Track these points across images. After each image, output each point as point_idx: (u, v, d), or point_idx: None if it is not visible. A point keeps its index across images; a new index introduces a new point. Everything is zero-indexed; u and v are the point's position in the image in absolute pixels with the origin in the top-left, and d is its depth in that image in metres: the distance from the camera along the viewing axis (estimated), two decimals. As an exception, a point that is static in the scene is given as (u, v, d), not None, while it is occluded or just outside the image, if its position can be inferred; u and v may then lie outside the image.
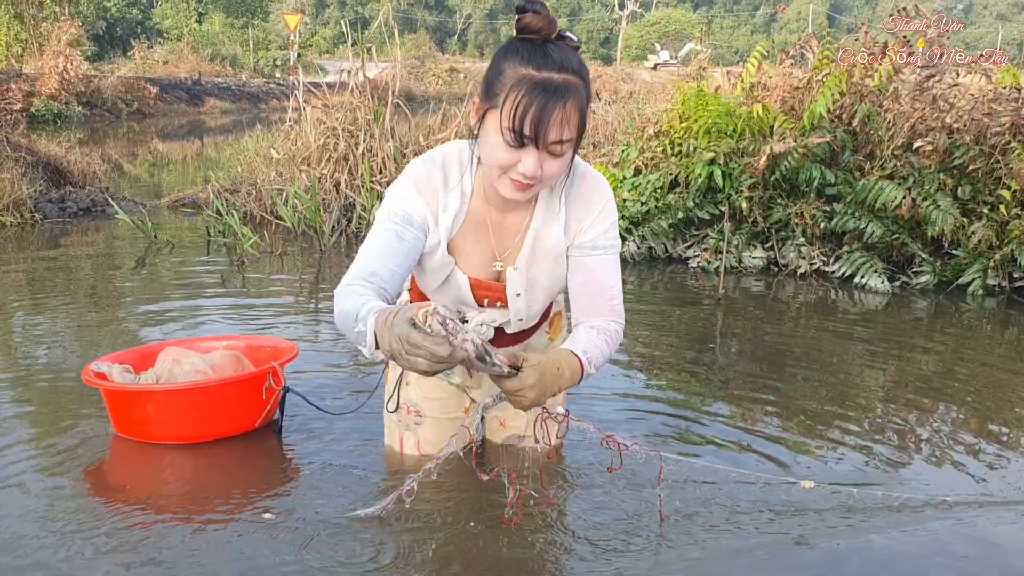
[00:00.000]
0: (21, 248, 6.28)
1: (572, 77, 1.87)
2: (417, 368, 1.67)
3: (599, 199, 2.17)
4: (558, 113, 1.84)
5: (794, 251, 5.75)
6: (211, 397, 2.81)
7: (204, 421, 2.81)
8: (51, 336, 4.15)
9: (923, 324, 4.89)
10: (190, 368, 2.93)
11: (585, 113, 1.93)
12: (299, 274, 5.70)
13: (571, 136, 1.90)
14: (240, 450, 2.83)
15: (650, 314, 4.92)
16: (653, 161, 6.24)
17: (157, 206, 8.10)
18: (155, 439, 2.81)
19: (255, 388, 2.87)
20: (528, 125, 1.84)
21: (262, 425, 2.95)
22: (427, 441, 2.52)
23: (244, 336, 3.54)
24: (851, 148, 5.80)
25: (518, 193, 1.97)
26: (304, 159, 7.22)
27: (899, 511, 2.47)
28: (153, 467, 2.70)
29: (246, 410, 2.88)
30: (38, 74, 21.37)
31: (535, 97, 1.83)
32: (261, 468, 2.73)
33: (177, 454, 2.77)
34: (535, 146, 1.88)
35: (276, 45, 46.19)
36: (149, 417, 2.79)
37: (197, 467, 2.72)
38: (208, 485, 2.57)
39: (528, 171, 1.90)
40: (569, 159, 1.97)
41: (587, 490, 2.53)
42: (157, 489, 2.56)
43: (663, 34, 68.54)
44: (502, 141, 1.89)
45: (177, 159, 14.43)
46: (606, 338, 2.12)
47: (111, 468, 2.71)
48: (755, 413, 3.33)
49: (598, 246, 2.16)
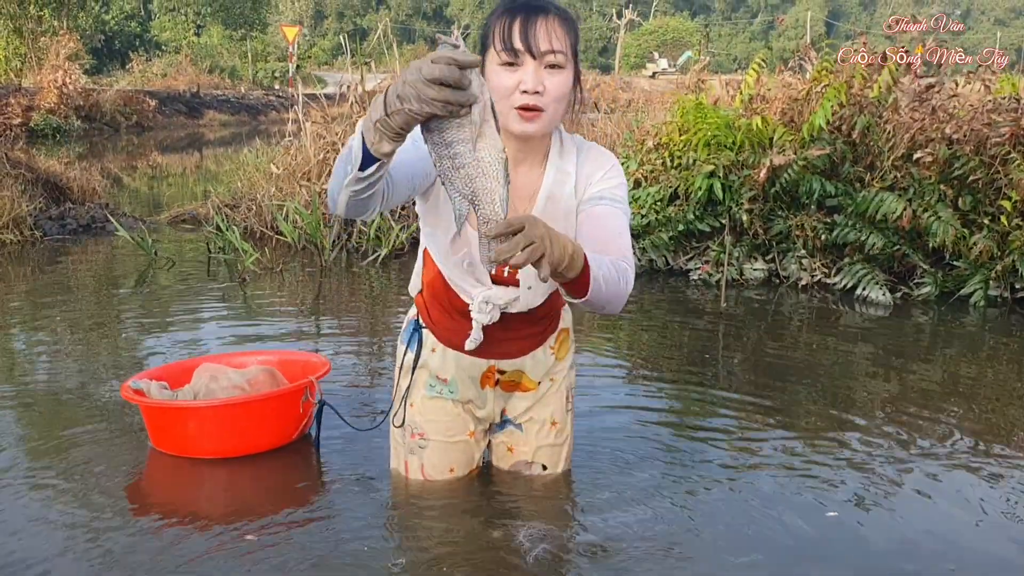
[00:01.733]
0: (22, 266, 6.28)
1: (551, 5, 2.05)
2: (426, 96, 1.51)
3: (607, 160, 2.24)
4: (542, 23, 2.00)
5: (795, 263, 5.74)
6: (251, 412, 2.89)
7: (244, 436, 2.89)
8: (52, 354, 4.14)
9: (925, 336, 4.89)
10: (228, 384, 3.01)
11: (575, 39, 2.07)
12: (301, 290, 5.69)
13: (562, 49, 2.02)
14: (276, 465, 2.88)
15: (652, 327, 4.92)
16: (653, 174, 6.24)
17: (157, 222, 8.10)
18: (195, 454, 2.87)
19: (293, 402, 2.94)
20: (516, 36, 1.99)
21: (298, 438, 3.02)
22: (431, 465, 2.50)
23: (277, 351, 3.63)
24: (851, 159, 5.79)
25: (527, 124, 2.04)
26: (304, 174, 7.22)
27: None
28: (190, 482, 2.79)
29: (284, 424, 2.96)
30: (37, 88, 21.38)
31: (517, 13, 2.01)
32: (294, 483, 2.79)
33: (214, 469, 2.84)
34: (530, 56, 2.00)
35: (275, 57, 46.24)
36: (190, 433, 2.86)
37: (233, 482, 2.79)
38: (245, 500, 2.66)
39: (528, 83, 2.00)
40: (570, 78, 2.07)
41: (599, 517, 2.51)
42: (196, 505, 2.63)
43: (661, 42, 68.61)
44: (500, 67, 2.02)
45: (176, 172, 14.44)
46: (613, 266, 1.92)
47: (150, 484, 2.80)
48: (758, 426, 3.33)
49: (605, 196, 2.16)
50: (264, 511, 2.54)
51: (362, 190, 1.76)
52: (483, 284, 2.25)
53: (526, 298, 2.27)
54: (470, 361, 2.39)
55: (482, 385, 2.44)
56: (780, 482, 2.80)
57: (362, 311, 5.29)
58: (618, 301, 1.94)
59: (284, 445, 2.98)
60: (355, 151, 1.70)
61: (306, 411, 2.99)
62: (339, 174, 1.78)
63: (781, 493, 2.71)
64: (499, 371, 2.42)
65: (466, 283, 2.26)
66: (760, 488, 2.75)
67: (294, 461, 2.93)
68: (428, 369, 2.44)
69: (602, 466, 2.86)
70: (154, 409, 2.89)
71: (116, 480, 2.74)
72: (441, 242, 2.23)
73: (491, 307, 2.25)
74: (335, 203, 1.82)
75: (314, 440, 3.01)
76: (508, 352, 2.39)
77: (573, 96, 2.14)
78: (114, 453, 2.94)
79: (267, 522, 2.46)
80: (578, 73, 2.13)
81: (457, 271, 2.25)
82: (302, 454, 2.97)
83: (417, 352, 2.45)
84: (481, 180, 1.57)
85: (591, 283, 1.81)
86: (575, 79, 2.11)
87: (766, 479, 2.82)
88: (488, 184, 1.58)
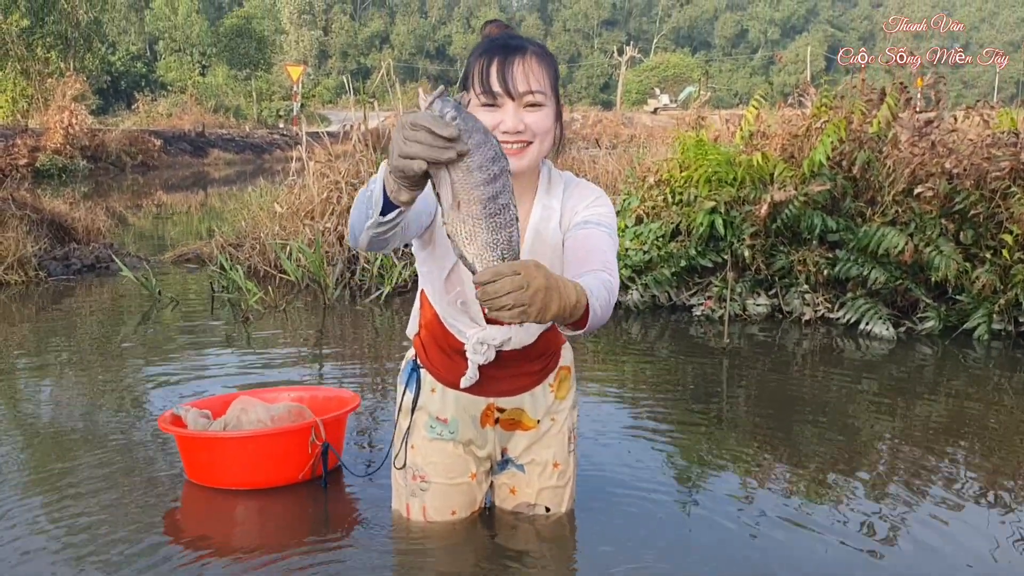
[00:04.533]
0: (26, 307, 6.29)
1: (528, 44, 2.08)
2: (411, 152, 1.53)
3: (592, 192, 2.25)
4: (519, 63, 2.03)
5: (798, 298, 5.74)
6: (256, 447, 2.95)
7: (247, 470, 2.95)
8: (57, 393, 4.14)
9: (929, 370, 4.87)
10: (255, 418, 3.06)
11: (553, 76, 2.11)
12: (304, 328, 5.70)
13: (540, 88, 2.06)
14: (276, 505, 2.88)
15: (655, 363, 4.91)
16: (654, 210, 6.26)
17: (161, 261, 8.13)
18: (207, 483, 2.98)
19: (297, 442, 2.95)
20: (495, 78, 2.03)
21: (312, 478, 3.01)
22: (433, 508, 2.49)
23: (311, 387, 3.69)
24: (852, 195, 5.81)
25: (512, 160, 2.00)
26: (308, 212, 7.25)
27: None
28: (197, 514, 2.88)
29: (289, 463, 2.96)
30: (43, 129, 21.58)
31: (494, 54, 2.05)
32: (296, 524, 2.78)
33: (218, 502, 2.90)
34: (509, 98, 2.04)
35: (279, 96, 46.70)
36: (202, 462, 2.99)
37: (233, 518, 2.84)
38: (245, 539, 2.69)
39: (509, 124, 2.04)
40: (551, 114, 2.10)
41: (602, 559, 2.49)
42: (199, 540, 2.64)
43: (662, 78, 69.16)
44: (480, 108, 2.05)
45: (181, 211, 14.51)
46: (604, 287, 1.89)
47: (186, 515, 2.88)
48: (763, 464, 3.32)
49: (591, 221, 2.14)
50: (264, 551, 2.53)
51: (383, 232, 1.82)
52: (478, 324, 2.26)
53: (519, 337, 2.28)
54: (469, 400, 2.39)
55: (482, 424, 2.43)
56: (786, 521, 2.77)
57: (365, 349, 5.29)
58: (605, 319, 1.92)
59: (291, 484, 2.98)
60: (376, 196, 1.74)
61: (314, 452, 2.98)
62: (361, 215, 1.83)
63: (787, 532, 2.69)
64: (498, 409, 2.42)
65: (461, 323, 2.27)
66: (766, 527, 2.72)
67: (295, 502, 2.91)
68: (427, 411, 2.44)
69: (605, 506, 2.84)
70: (178, 437, 3.02)
71: (130, 511, 2.78)
72: (436, 281, 2.24)
73: (486, 347, 2.26)
74: (356, 241, 1.89)
75: (322, 480, 3.00)
76: (506, 390, 2.39)
77: (557, 132, 2.15)
78: (135, 484, 3.01)
79: (266, 561, 2.44)
80: (559, 110, 2.15)
81: (451, 310, 2.26)
82: (306, 494, 2.95)
83: (416, 393, 2.45)
84: (468, 224, 1.58)
85: (589, 319, 1.79)
86: (556, 115, 2.13)
87: (772, 518, 2.80)
88: (476, 230, 1.58)
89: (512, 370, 2.36)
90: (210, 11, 61.85)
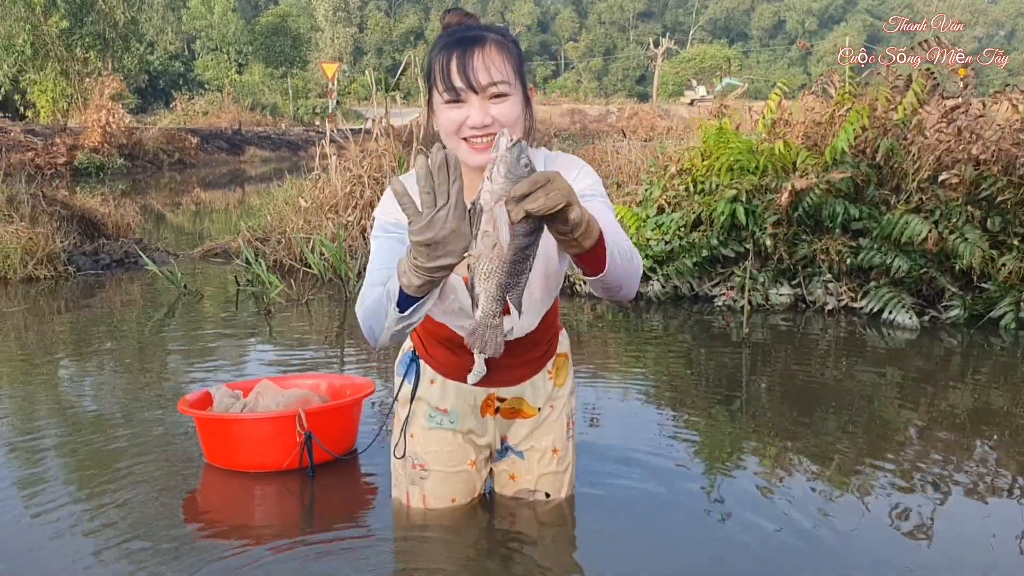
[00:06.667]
0: (55, 300, 6.40)
1: (487, 33, 2.03)
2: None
3: (576, 164, 2.20)
4: (478, 55, 1.98)
5: (821, 288, 5.67)
6: (240, 431, 3.05)
7: (235, 453, 3.06)
8: (87, 383, 4.22)
9: (955, 360, 4.80)
10: (270, 402, 3.15)
11: (516, 63, 2.05)
12: (325, 321, 5.74)
13: (503, 78, 2.00)
14: (270, 493, 2.93)
15: (677, 354, 4.88)
16: (676, 200, 6.22)
17: (190, 256, 8.23)
18: (210, 461, 3.12)
19: (282, 429, 2.99)
20: (456, 74, 1.98)
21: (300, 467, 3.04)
22: (433, 495, 2.49)
23: (329, 375, 3.74)
24: (876, 182, 5.73)
25: (480, 155, 2.02)
26: (331, 207, 7.30)
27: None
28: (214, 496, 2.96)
29: (273, 449, 3.01)
30: (82, 128, 21.91)
31: (453, 49, 2.00)
32: (292, 512, 2.84)
33: (244, 483, 2.98)
34: (473, 93, 1.99)
35: (315, 93, 47.01)
36: (205, 442, 3.13)
37: (223, 504, 2.89)
38: (234, 526, 2.68)
39: (475, 120, 2.00)
40: (519, 102, 2.05)
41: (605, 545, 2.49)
42: (208, 522, 2.70)
43: (699, 70, 68.56)
44: (445, 105, 2.02)
45: (219, 208, 14.66)
46: (625, 242, 1.92)
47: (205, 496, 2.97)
48: (786, 456, 3.27)
49: (585, 195, 2.07)
50: (258, 540, 2.54)
51: (403, 330, 1.88)
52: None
53: (520, 325, 2.27)
54: (469, 390, 2.38)
55: (482, 413, 2.43)
56: (810, 512, 2.72)
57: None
58: (632, 282, 1.93)
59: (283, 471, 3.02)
60: (392, 292, 1.81)
61: (300, 440, 3.02)
62: (377, 316, 1.89)
63: (812, 523, 2.64)
64: (499, 399, 2.41)
65: (462, 322, 2.26)
66: (789, 518, 2.68)
67: (291, 489, 2.93)
68: (427, 401, 2.44)
69: (615, 494, 2.83)
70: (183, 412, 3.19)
71: (168, 498, 2.87)
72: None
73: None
74: (376, 342, 1.95)
75: (309, 471, 3.01)
76: (507, 380, 2.38)
77: (527, 118, 2.11)
78: (164, 471, 3.09)
79: (258, 554, 2.46)
80: (527, 95, 2.11)
81: (450, 316, 2.26)
82: (301, 482, 2.98)
83: (415, 383, 2.45)
84: (494, 264, 1.65)
85: (607, 255, 1.77)
86: (524, 102, 2.09)
87: (796, 508, 2.75)
88: (496, 271, 1.65)
89: (513, 359, 2.34)
90: (246, 9, 62.44)
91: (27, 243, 7.06)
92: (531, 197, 1.55)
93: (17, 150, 19.17)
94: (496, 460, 2.56)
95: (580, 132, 26.88)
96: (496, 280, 1.63)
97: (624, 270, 1.86)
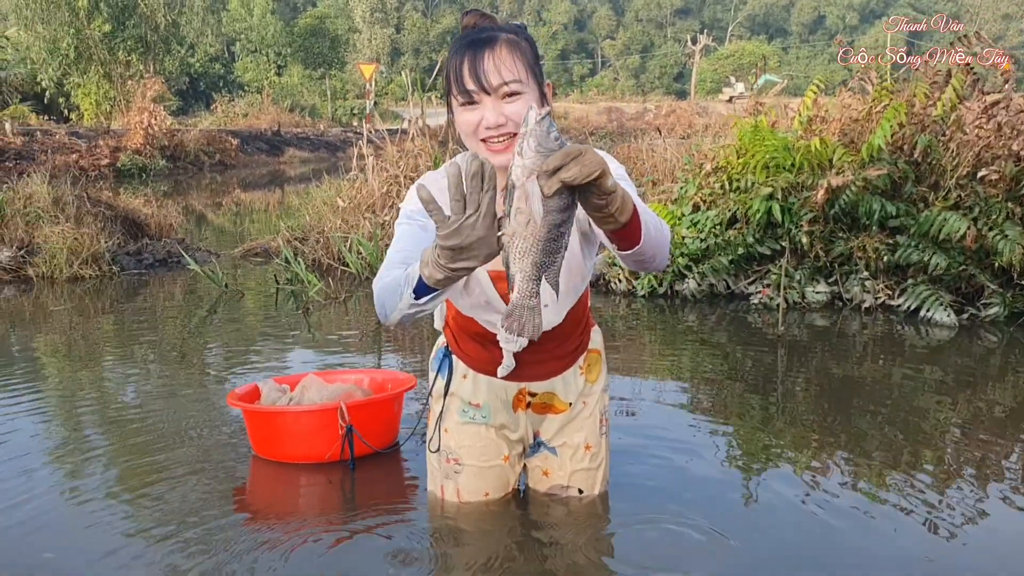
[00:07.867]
0: (100, 300, 6.54)
1: (499, 33, 2.05)
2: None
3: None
4: (488, 57, 2.00)
5: (858, 285, 5.64)
6: (284, 424, 3.14)
7: (279, 444, 3.15)
8: (133, 380, 4.32)
9: (995, 358, 4.74)
10: (315, 396, 3.23)
11: (529, 60, 2.06)
12: (362, 319, 5.81)
13: (515, 77, 2.02)
14: (311, 484, 3.01)
15: (713, 353, 4.88)
16: (711, 197, 6.21)
17: (231, 256, 8.35)
18: (258, 452, 3.22)
19: (324, 422, 3.07)
20: (467, 77, 2.01)
21: (343, 458, 3.11)
22: (467, 489, 2.53)
23: (372, 371, 3.84)
24: (913, 179, 5.68)
25: (498, 156, 2.04)
26: (368, 206, 7.38)
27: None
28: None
29: (316, 442, 3.09)
30: (124, 130, 22.25)
31: (464, 52, 2.03)
32: (330, 504, 2.88)
33: (288, 474, 3.07)
34: (485, 94, 2.02)
35: (353, 94, 47.36)
36: (252, 433, 3.23)
37: (265, 495, 2.92)
38: (278, 516, 2.72)
39: (490, 120, 2.02)
40: (534, 99, 2.06)
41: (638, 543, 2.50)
42: (264, 508, 2.78)
43: (737, 67, 68.02)
44: (460, 108, 2.06)
45: (260, 208, 14.82)
46: (652, 212, 1.92)
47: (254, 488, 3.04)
48: (823, 456, 3.25)
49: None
50: (297, 529, 2.61)
51: (414, 315, 1.89)
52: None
53: (545, 319, 2.30)
54: (501, 385, 2.42)
55: (514, 408, 2.47)
56: (849, 510, 2.71)
57: (425, 335, 5.36)
58: (664, 251, 1.93)
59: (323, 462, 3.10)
60: (411, 276, 1.80)
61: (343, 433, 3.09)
62: (390, 300, 1.90)
63: (851, 522, 2.63)
64: (530, 393, 2.45)
65: (490, 316, 2.30)
66: (827, 517, 2.67)
67: (329, 481, 3.00)
68: (459, 396, 2.48)
69: (649, 491, 2.84)
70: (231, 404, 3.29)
71: (217, 487, 2.96)
72: (455, 288, 2.28)
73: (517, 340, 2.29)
74: (387, 319, 1.95)
75: (350, 461, 3.08)
76: (538, 374, 2.42)
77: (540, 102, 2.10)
78: (212, 462, 3.18)
79: (299, 541, 2.52)
80: (543, 91, 2.12)
81: (477, 310, 2.30)
82: (340, 474, 3.04)
83: (448, 379, 2.50)
84: (528, 243, 1.62)
85: (642, 227, 1.77)
86: (540, 99, 2.09)
87: (834, 507, 2.74)
88: (532, 249, 1.62)
89: (544, 354, 2.38)
90: (285, 12, 63.02)
91: (73, 243, 7.23)
92: (565, 168, 1.52)
93: (62, 152, 19.56)
94: (529, 456, 2.60)
95: (617, 130, 26.75)
96: (531, 259, 1.61)
97: (656, 240, 1.87)
